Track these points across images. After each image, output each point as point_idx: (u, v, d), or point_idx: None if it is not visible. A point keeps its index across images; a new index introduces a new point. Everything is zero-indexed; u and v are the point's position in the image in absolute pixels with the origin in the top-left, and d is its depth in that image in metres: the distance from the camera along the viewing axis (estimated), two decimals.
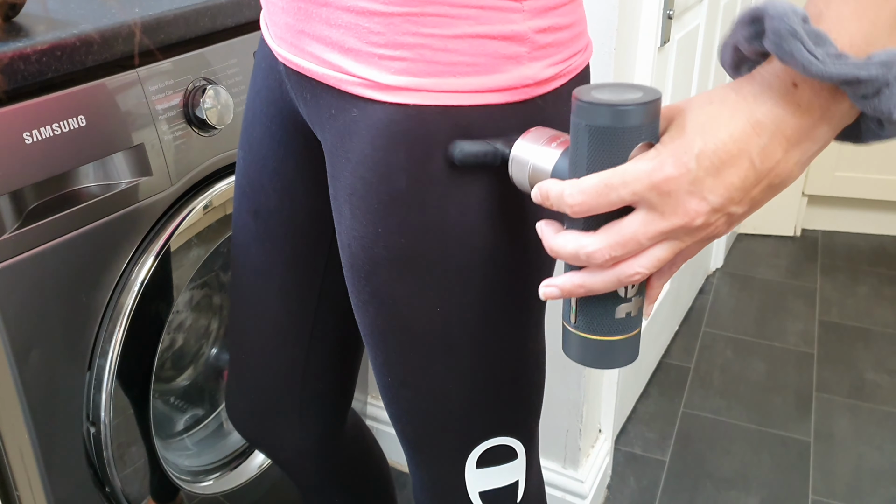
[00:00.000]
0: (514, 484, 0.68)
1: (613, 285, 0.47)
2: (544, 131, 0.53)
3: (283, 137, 0.71)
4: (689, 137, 0.43)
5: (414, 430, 0.66)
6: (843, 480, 1.52)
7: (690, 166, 0.43)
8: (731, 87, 0.44)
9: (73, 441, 0.88)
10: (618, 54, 1.09)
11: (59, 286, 0.82)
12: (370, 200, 0.56)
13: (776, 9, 0.39)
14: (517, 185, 0.54)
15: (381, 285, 0.59)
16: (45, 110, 0.78)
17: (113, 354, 0.88)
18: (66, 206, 0.82)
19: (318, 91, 0.59)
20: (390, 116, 0.54)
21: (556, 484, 1.37)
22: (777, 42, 0.39)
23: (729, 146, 0.42)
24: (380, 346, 0.63)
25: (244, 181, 0.75)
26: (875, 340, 1.94)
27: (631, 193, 0.44)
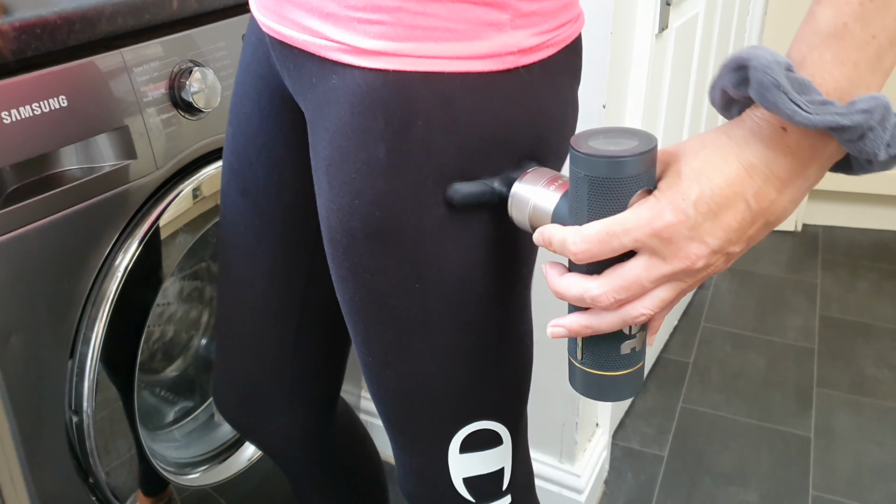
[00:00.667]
0: (500, 471, 0.66)
1: (619, 326, 0.49)
2: (542, 172, 0.54)
3: (271, 112, 0.69)
4: (686, 184, 0.44)
5: (395, 411, 0.64)
6: (843, 476, 1.50)
7: (689, 213, 0.44)
8: (723, 132, 0.45)
9: (55, 430, 0.86)
10: (615, 39, 1.07)
11: (40, 270, 0.80)
12: (347, 170, 0.55)
13: (759, 60, 0.40)
14: (517, 224, 0.55)
15: (358, 259, 0.57)
16: (25, 89, 0.76)
17: (96, 341, 0.86)
18: (48, 188, 0.80)
19: (300, 60, 0.57)
20: (369, 83, 0.52)
21: (551, 478, 1.35)
22: (761, 93, 0.40)
23: (725, 190, 0.44)
24: (359, 324, 0.61)
25: (232, 158, 0.74)
26: (876, 336, 1.92)
27: (633, 241, 0.46)
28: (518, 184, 0.54)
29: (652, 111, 1.33)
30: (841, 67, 0.40)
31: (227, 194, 0.75)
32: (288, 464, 0.90)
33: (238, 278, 0.78)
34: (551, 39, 0.55)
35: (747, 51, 0.42)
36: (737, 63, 0.42)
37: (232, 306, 0.79)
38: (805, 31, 0.42)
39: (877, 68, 0.41)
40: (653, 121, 1.36)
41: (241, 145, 0.72)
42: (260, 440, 0.87)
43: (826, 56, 0.41)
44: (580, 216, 0.48)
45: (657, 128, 1.40)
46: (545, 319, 1.24)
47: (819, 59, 0.41)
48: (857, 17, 0.40)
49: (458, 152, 0.53)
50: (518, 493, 0.68)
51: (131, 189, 0.88)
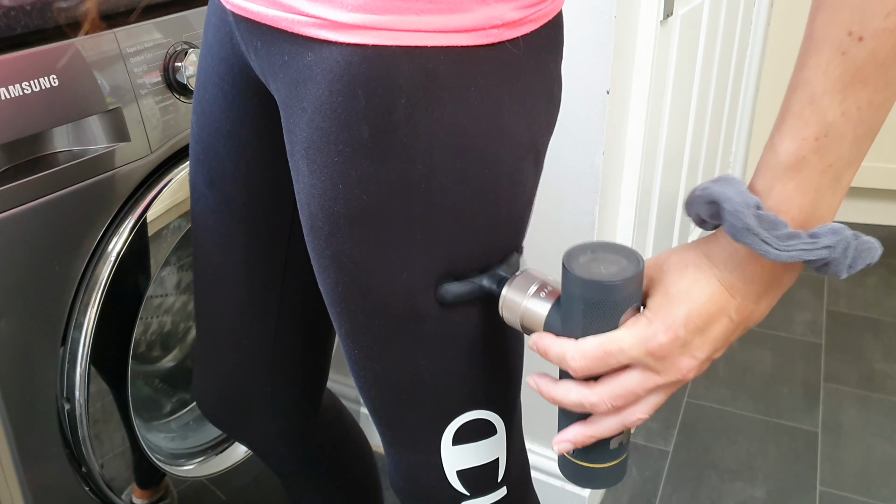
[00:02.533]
0: (495, 462, 0.63)
1: (618, 430, 0.52)
2: (531, 278, 0.55)
3: (235, 97, 0.66)
4: (675, 305, 0.48)
5: (384, 405, 0.61)
6: (851, 471, 1.48)
7: (680, 333, 0.48)
8: (703, 253, 0.49)
9: (47, 418, 0.84)
10: (618, 23, 1.05)
11: (30, 253, 0.78)
12: (329, 153, 0.52)
13: (730, 203, 0.44)
14: (506, 324, 0.57)
15: (342, 247, 0.54)
16: (15, 67, 0.74)
17: (88, 327, 0.84)
18: (39, 170, 0.78)
19: (269, 38, 0.54)
20: (348, 59, 0.49)
21: (554, 472, 1.33)
22: (734, 234, 0.44)
23: (710, 309, 0.48)
24: (343, 315, 0.58)
25: (198, 148, 0.71)
26: (884, 331, 1.90)
27: (629, 359, 0.49)
28: (508, 288, 0.55)
29: (657, 98, 1.31)
30: (804, 196, 0.44)
31: (195, 186, 0.72)
32: (274, 461, 0.87)
33: (211, 274, 0.75)
34: (534, 13, 0.53)
35: (718, 189, 0.45)
36: (709, 198, 0.46)
37: (207, 303, 0.77)
38: (769, 162, 0.45)
39: (836, 189, 0.44)
40: (658, 108, 1.34)
41: (206, 133, 0.69)
42: (244, 438, 0.85)
43: (789, 186, 0.44)
44: (574, 330, 0.51)
45: (662, 117, 1.38)
46: None
47: (783, 190, 0.44)
48: (815, 150, 0.43)
49: (445, 132, 0.51)
50: (514, 484, 0.65)
51: (124, 172, 0.86)
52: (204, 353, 0.80)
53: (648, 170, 1.36)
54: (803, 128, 0.43)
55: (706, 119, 1.72)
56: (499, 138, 0.53)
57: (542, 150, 0.58)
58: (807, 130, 0.43)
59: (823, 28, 0.42)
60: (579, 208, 1.15)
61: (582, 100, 1.09)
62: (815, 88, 0.42)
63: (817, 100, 0.42)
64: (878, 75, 0.41)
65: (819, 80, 0.42)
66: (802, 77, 0.43)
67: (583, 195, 1.14)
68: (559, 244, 1.18)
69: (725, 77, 1.81)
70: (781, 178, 0.44)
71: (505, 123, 0.53)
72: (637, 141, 1.22)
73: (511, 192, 0.56)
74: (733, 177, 0.46)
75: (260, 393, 0.80)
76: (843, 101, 0.42)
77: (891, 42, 0.40)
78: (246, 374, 0.78)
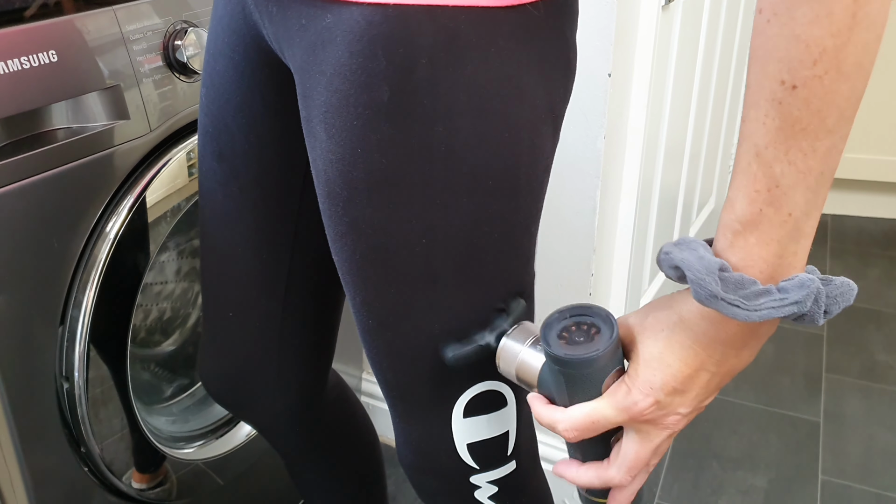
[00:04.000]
0: (505, 435, 0.63)
1: (642, 483, 0.56)
2: (527, 330, 0.57)
3: (247, 69, 0.65)
4: (650, 372, 0.49)
5: (396, 377, 0.61)
6: (853, 461, 1.47)
7: (658, 397, 0.49)
8: (678, 314, 0.49)
9: (45, 397, 0.84)
10: (620, 6, 1.05)
11: (29, 228, 0.78)
12: (347, 116, 0.51)
13: (693, 273, 0.44)
14: (502, 374, 0.58)
15: (360, 213, 0.54)
16: (13, 42, 0.74)
17: (87, 306, 0.84)
18: (38, 145, 0.78)
19: (285, 2, 0.54)
20: (368, 18, 0.49)
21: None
22: (701, 300, 0.44)
23: (685, 371, 0.49)
24: (358, 285, 0.58)
25: (207, 121, 0.70)
26: (886, 322, 1.89)
27: (615, 424, 0.52)
28: (506, 339, 0.57)
29: (659, 83, 1.30)
30: (766, 248, 0.44)
31: (204, 160, 0.71)
32: (278, 439, 0.87)
33: (219, 250, 0.74)
34: None
35: (679, 255, 0.45)
36: (671, 263, 0.46)
37: (215, 279, 0.76)
38: (728, 219, 0.45)
39: (798, 237, 0.44)
40: (660, 93, 1.33)
41: (216, 106, 0.68)
42: (249, 416, 0.84)
43: (751, 240, 0.44)
44: (561, 397, 0.54)
45: (664, 102, 1.38)
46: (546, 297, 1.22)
47: (745, 244, 0.44)
48: (769, 202, 0.43)
49: (465, 93, 0.50)
50: (523, 458, 0.65)
51: (124, 150, 0.86)
52: (211, 331, 0.79)
53: (650, 155, 1.35)
54: (753, 182, 0.43)
55: (708, 105, 1.72)
56: (519, 101, 0.52)
57: (559, 116, 0.58)
58: (758, 184, 0.43)
59: (757, 79, 0.41)
60: (581, 193, 1.14)
61: (583, 82, 1.08)
62: (758, 141, 0.42)
63: (762, 152, 0.42)
64: (816, 122, 0.40)
65: (760, 132, 0.42)
66: (746, 130, 0.43)
67: (584, 179, 1.13)
68: (561, 228, 1.18)
69: (728, 63, 1.81)
70: (742, 234, 0.44)
71: (524, 86, 0.52)
72: (639, 125, 1.22)
73: (531, 156, 0.55)
74: (693, 240, 0.46)
75: (267, 371, 0.79)
76: (788, 152, 0.41)
77: (822, 89, 0.39)
78: (253, 352, 0.78)
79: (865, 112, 2.23)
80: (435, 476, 0.64)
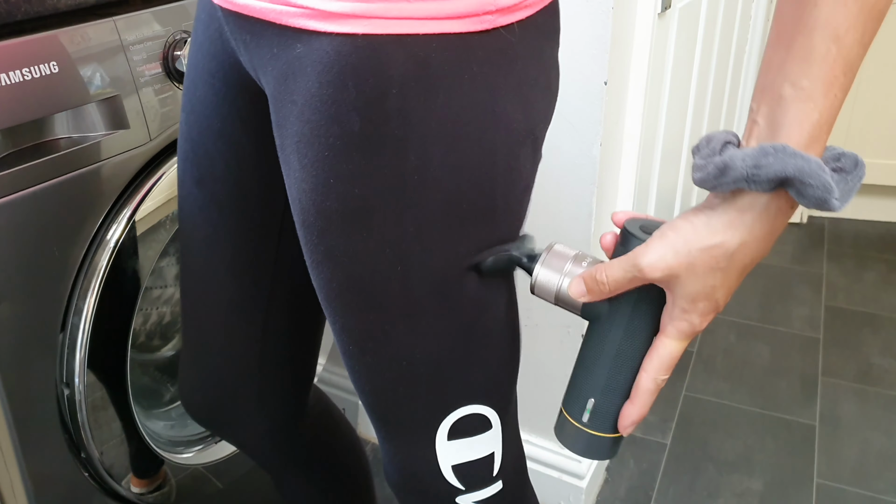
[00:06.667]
0: (490, 456, 0.62)
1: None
2: (564, 254, 0.57)
3: (227, 94, 0.65)
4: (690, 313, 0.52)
5: (378, 400, 0.61)
6: (848, 464, 1.48)
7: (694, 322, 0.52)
8: (738, 215, 0.48)
9: (46, 403, 0.85)
10: (616, 14, 1.06)
11: (30, 237, 0.79)
12: (319, 147, 0.51)
13: (816, 179, 0.44)
14: (538, 295, 0.59)
15: (335, 243, 0.54)
16: (15, 54, 0.75)
17: (88, 313, 0.85)
18: (38, 156, 0.78)
19: (258, 30, 0.54)
20: (338, 49, 0.49)
21: (552, 464, 1.34)
22: (818, 204, 0.44)
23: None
24: (337, 311, 0.58)
25: (187, 146, 0.70)
26: (883, 325, 1.90)
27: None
28: (541, 266, 0.57)
29: (655, 91, 1.31)
30: (828, 135, 0.47)
31: (184, 185, 0.72)
32: (261, 457, 0.87)
33: (199, 273, 0.74)
34: None
35: (792, 166, 0.44)
36: (783, 174, 0.44)
37: (194, 302, 0.76)
38: (804, 111, 0.45)
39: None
40: (656, 101, 1.34)
41: (196, 131, 0.69)
42: (229, 436, 0.84)
43: (825, 129, 0.46)
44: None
45: (660, 109, 1.39)
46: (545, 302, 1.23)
47: (820, 134, 0.46)
48: (842, 87, 0.45)
49: (438, 121, 0.50)
50: (509, 478, 0.65)
51: (124, 160, 0.87)
52: (190, 353, 0.79)
53: (646, 161, 1.36)
54: (832, 68, 0.44)
55: (705, 111, 1.73)
56: (494, 125, 0.52)
57: (539, 137, 0.58)
58: (836, 69, 0.44)
59: None
60: (577, 199, 1.15)
61: (579, 90, 1.09)
62: (838, 26, 0.43)
63: (842, 37, 0.43)
64: (884, 1, 0.43)
65: (841, 16, 0.43)
66: (820, 18, 0.43)
67: (580, 186, 1.14)
68: (556, 235, 1.19)
69: (724, 70, 1.81)
70: (819, 125, 0.45)
71: (500, 110, 0.52)
72: (635, 132, 1.23)
73: (508, 178, 0.55)
74: (781, 145, 0.45)
75: (247, 392, 0.79)
76: (864, 34, 0.43)
77: None
78: (233, 374, 0.78)
79: (863, 116, 2.24)
80: (420, 496, 0.64)
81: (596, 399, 0.57)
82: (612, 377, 0.56)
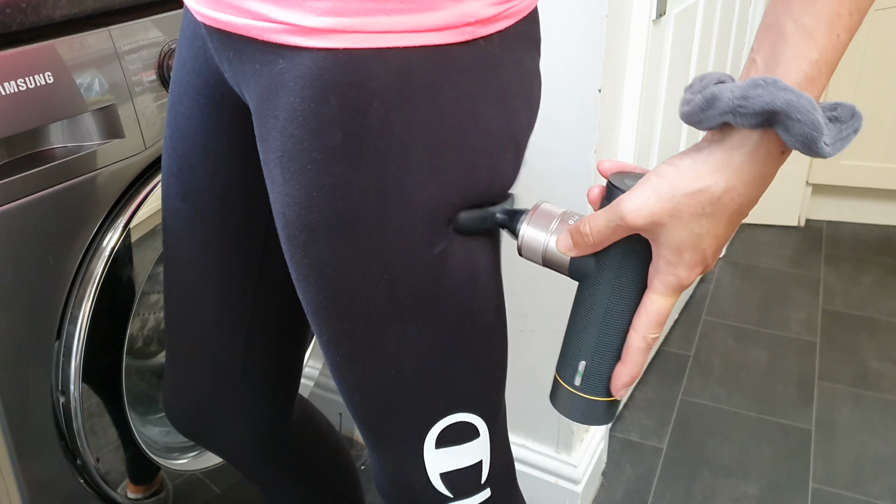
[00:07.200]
0: (478, 464, 0.63)
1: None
2: (550, 212, 0.56)
3: (211, 110, 0.66)
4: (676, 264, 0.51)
5: (366, 410, 0.61)
6: (844, 469, 1.49)
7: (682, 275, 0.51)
8: (726, 158, 0.47)
9: (42, 410, 0.85)
10: (610, 22, 1.06)
11: (25, 247, 0.79)
12: (302, 160, 0.52)
13: (805, 115, 0.42)
14: (525, 257, 0.58)
15: (320, 255, 0.54)
16: (10, 64, 0.75)
17: (83, 321, 0.85)
18: (34, 165, 0.79)
19: (240, 47, 0.55)
20: (319, 64, 0.49)
21: (548, 468, 1.34)
22: (806, 144, 0.43)
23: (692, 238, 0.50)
24: (324, 323, 0.58)
25: (172, 162, 0.71)
26: (880, 329, 1.90)
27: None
28: (527, 225, 0.56)
29: (650, 97, 1.32)
30: (829, 76, 0.45)
31: (168, 200, 0.72)
32: (246, 468, 0.88)
33: (183, 287, 0.75)
34: (509, 9, 0.53)
35: (781, 98, 0.43)
36: (771, 107, 0.43)
37: (178, 315, 0.77)
38: (803, 48, 0.44)
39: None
40: (651, 108, 1.35)
41: (181, 147, 0.69)
42: (214, 448, 0.85)
43: (825, 70, 0.44)
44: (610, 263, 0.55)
45: (656, 116, 1.39)
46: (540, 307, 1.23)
47: (819, 75, 0.44)
48: (847, 28, 0.43)
49: (419, 131, 0.51)
50: (498, 485, 0.65)
51: (119, 168, 0.87)
52: (174, 366, 0.80)
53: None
54: (838, 4, 0.43)
55: None
56: (474, 130, 0.53)
57: (522, 143, 0.58)
58: (841, 7, 0.43)
59: None
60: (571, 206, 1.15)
61: (574, 98, 1.10)
62: None
63: None
64: None
65: None
66: None
67: (575, 192, 1.15)
68: None
69: None
70: (818, 65, 0.44)
71: (481, 116, 0.53)
72: (629, 140, 1.23)
73: (488, 182, 0.56)
74: (772, 78, 0.44)
75: (230, 405, 0.80)
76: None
77: None
78: (216, 386, 0.79)
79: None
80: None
81: (587, 361, 0.56)
82: (602, 337, 0.55)
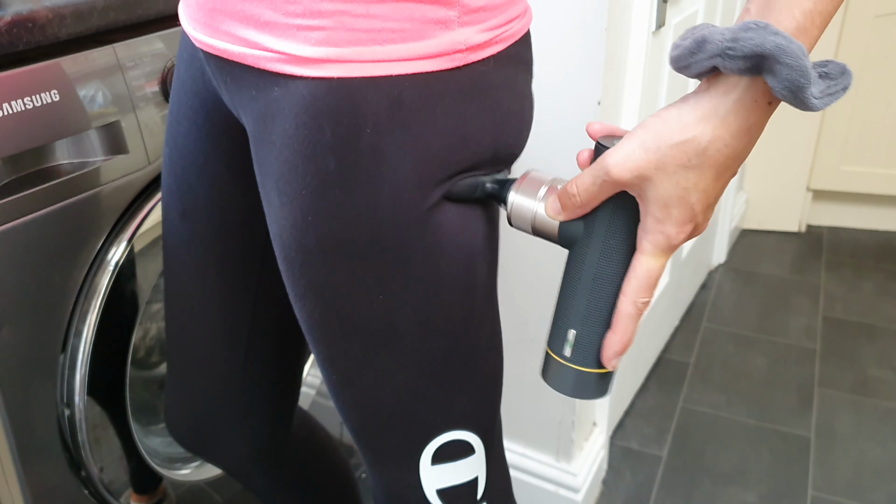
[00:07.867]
0: (474, 480, 0.63)
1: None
2: (538, 179, 0.56)
3: (209, 130, 0.67)
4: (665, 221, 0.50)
5: (363, 427, 0.62)
6: (843, 476, 1.49)
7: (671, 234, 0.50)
8: (712, 107, 0.47)
9: (47, 423, 0.86)
10: (609, 34, 1.07)
11: (31, 263, 0.80)
12: (297, 185, 0.53)
13: (795, 60, 0.41)
14: (515, 228, 0.58)
15: (316, 276, 0.55)
16: (17, 83, 0.76)
17: (88, 335, 0.86)
18: (39, 182, 0.80)
19: (237, 73, 0.56)
20: (313, 92, 0.51)
21: (548, 476, 1.35)
22: (793, 91, 0.42)
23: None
24: (321, 342, 0.59)
25: (171, 180, 0.72)
26: (880, 336, 1.91)
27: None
28: (516, 193, 0.56)
29: (650, 109, 1.33)
30: (822, 28, 0.45)
31: (167, 217, 0.74)
32: (246, 480, 0.89)
33: (182, 303, 0.76)
34: (500, 35, 0.54)
35: (772, 42, 0.42)
36: (760, 50, 0.42)
37: (178, 330, 0.78)
38: None
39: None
40: None
41: (180, 167, 0.70)
42: (214, 460, 0.86)
43: (817, 21, 0.44)
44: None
45: None
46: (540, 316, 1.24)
47: (811, 26, 0.44)
48: None
49: (410, 154, 0.52)
50: (494, 500, 0.66)
51: (123, 183, 0.88)
52: (174, 380, 0.81)
53: None
54: None
55: None
56: (461, 146, 0.54)
57: (504, 161, 0.59)
58: None
59: None
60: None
61: (573, 110, 1.11)
62: None
63: None
64: None
65: None
66: None
67: None
68: (551, 253, 1.20)
69: None
70: (811, 15, 0.43)
71: (469, 134, 0.54)
72: None
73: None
74: (764, 22, 0.43)
75: (230, 418, 0.81)
76: None
77: None
78: (216, 400, 0.80)
79: (861, 125, 2.25)
80: None
81: (577, 330, 0.54)
82: (592, 304, 0.54)
